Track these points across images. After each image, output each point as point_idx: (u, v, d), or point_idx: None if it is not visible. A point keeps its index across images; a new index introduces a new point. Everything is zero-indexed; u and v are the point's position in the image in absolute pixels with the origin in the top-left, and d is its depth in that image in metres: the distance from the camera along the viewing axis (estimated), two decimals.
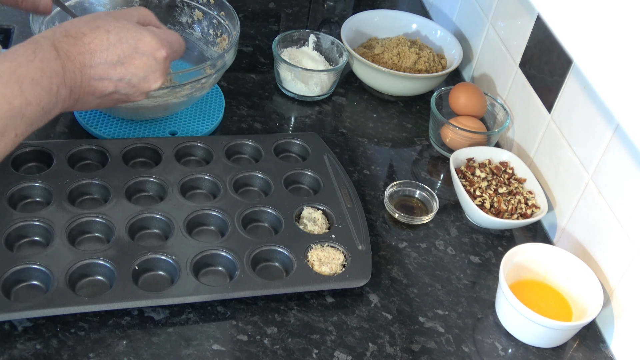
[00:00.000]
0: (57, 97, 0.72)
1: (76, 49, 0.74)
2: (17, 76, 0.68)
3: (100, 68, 0.75)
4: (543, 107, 1.12)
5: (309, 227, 1.00)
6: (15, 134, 0.68)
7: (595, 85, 0.48)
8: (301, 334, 0.89)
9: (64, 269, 0.86)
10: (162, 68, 0.80)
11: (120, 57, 0.76)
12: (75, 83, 0.74)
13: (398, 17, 1.42)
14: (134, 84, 0.78)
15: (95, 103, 0.79)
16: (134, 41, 0.77)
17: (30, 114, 0.69)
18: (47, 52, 0.71)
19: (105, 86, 0.77)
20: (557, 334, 0.91)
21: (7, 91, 0.67)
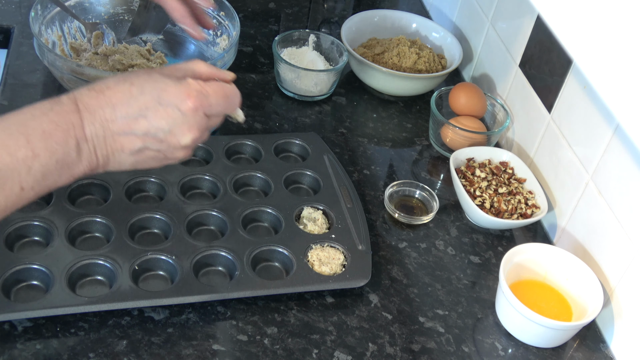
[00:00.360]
0: (77, 152, 0.69)
1: (97, 102, 0.70)
2: (26, 128, 0.66)
3: (122, 122, 0.71)
4: (543, 107, 1.12)
5: (309, 227, 1.00)
6: (21, 188, 0.65)
7: (595, 85, 0.48)
8: (301, 334, 0.89)
9: (64, 269, 0.86)
10: (191, 121, 0.73)
11: (142, 109, 0.71)
12: (98, 138, 0.70)
13: (398, 17, 1.42)
14: (161, 138, 0.72)
15: (130, 161, 0.74)
16: (157, 92, 0.72)
17: (40, 167, 0.66)
18: (65, 105, 0.69)
19: (132, 142, 0.72)
20: (557, 334, 0.91)
21: (10, 142, 0.65)
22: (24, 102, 1.13)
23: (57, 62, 1.03)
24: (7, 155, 0.64)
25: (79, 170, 0.70)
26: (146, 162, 0.75)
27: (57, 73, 1.05)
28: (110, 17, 1.21)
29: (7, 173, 0.64)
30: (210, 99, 0.75)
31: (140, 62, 1.15)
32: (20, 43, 1.27)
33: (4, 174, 0.64)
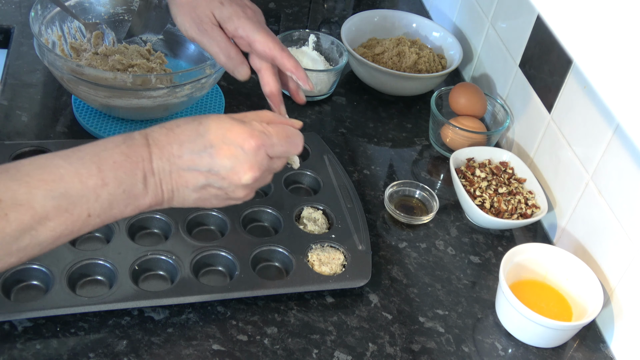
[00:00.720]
0: (144, 185, 0.72)
1: (167, 138, 0.74)
2: (99, 158, 0.69)
3: (187, 158, 0.73)
4: (543, 107, 1.12)
5: (309, 227, 1.00)
6: (88, 214, 0.69)
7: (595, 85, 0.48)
8: (301, 334, 0.89)
9: (64, 269, 0.86)
10: (252, 159, 0.75)
11: (207, 147, 0.74)
12: (165, 172, 0.73)
13: (398, 17, 1.42)
14: (223, 175, 0.75)
15: (193, 197, 0.76)
16: (222, 131, 0.75)
17: (108, 196, 0.69)
18: (136, 140, 0.73)
19: (196, 177, 0.74)
20: (557, 334, 0.91)
21: (83, 170, 0.68)
22: (24, 102, 1.13)
23: (57, 62, 1.03)
24: (78, 182, 0.67)
25: (145, 202, 0.73)
26: (208, 200, 0.77)
27: (57, 73, 1.05)
28: (110, 17, 1.21)
29: (76, 199, 0.67)
30: (272, 139, 0.77)
31: (140, 62, 1.15)
32: (20, 43, 1.27)
33: (74, 200, 0.67)
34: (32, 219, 0.65)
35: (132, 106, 1.06)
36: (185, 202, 0.77)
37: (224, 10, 0.89)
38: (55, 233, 0.67)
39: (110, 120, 1.12)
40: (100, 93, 1.03)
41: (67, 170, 0.68)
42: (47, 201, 0.66)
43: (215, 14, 0.90)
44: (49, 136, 1.10)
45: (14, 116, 1.11)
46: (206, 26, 0.90)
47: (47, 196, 0.66)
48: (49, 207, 0.66)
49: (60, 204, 0.66)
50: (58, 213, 0.66)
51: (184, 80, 1.05)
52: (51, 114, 1.14)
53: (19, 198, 0.64)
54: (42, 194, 0.65)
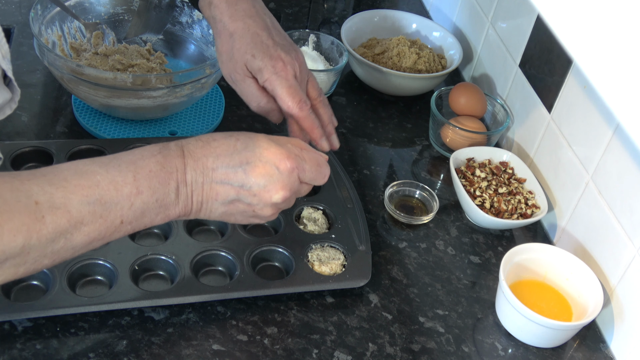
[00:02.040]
0: (176, 195, 0.74)
1: (202, 151, 0.76)
2: (135, 166, 0.71)
3: (222, 171, 0.75)
4: (543, 107, 1.12)
5: (309, 227, 1.00)
6: (121, 221, 0.70)
7: (595, 85, 0.48)
8: (301, 334, 0.89)
9: (64, 269, 0.86)
10: (286, 180, 0.77)
11: (243, 163, 0.76)
12: (197, 184, 0.75)
13: (398, 17, 1.42)
14: (254, 192, 0.77)
15: (220, 211, 0.78)
16: (260, 150, 0.77)
17: (141, 204, 0.71)
18: (172, 150, 0.75)
19: (227, 191, 0.76)
20: (557, 334, 0.91)
21: (119, 178, 0.70)
22: (24, 102, 1.13)
23: (57, 62, 1.03)
24: (114, 189, 0.69)
25: (174, 212, 0.75)
26: (234, 215, 0.79)
27: (57, 73, 1.05)
28: (110, 17, 1.21)
29: (111, 206, 0.69)
30: (305, 165, 0.80)
31: (140, 62, 1.15)
32: (20, 43, 1.27)
33: (109, 206, 0.69)
34: (68, 223, 0.66)
35: (132, 106, 1.06)
36: (212, 215, 0.78)
37: (255, 63, 0.92)
38: (89, 238, 0.69)
39: (110, 120, 1.12)
40: (100, 93, 1.03)
41: (103, 177, 0.69)
42: (83, 206, 0.67)
43: (247, 65, 0.93)
44: (49, 136, 1.10)
45: (14, 116, 1.11)
46: (239, 76, 0.94)
47: (83, 201, 0.67)
48: (84, 212, 0.67)
49: (96, 210, 0.68)
50: (93, 218, 0.68)
51: (184, 80, 1.05)
52: (51, 114, 1.14)
53: (56, 202, 0.66)
54: (78, 199, 0.67)
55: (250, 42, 0.92)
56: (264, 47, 0.92)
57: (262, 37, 0.93)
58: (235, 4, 0.94)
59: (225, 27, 0.94)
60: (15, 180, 0.65)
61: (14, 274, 0.65)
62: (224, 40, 0.94)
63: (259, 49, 0.92)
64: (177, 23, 1.23)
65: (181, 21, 1.23)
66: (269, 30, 0.94)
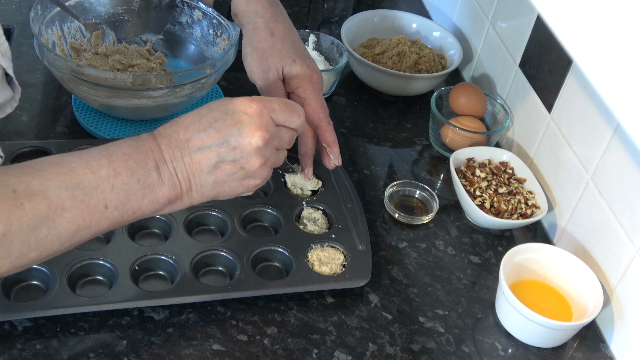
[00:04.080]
0: (158, 174, 0.73)
1: (171, 129, 0.76)
2: (107, 151, 0.72)
3: (196, 139, 0.75)
4: (543, 107, 1.12)
5: (309, 227, 1.00)
6: (105, 206, 0.70)
7: (596, 85, 0.48)
8: (301, 334, 0.89)
9: (64, 269, 0.86)
10: (257, 121, 0.76)
11: (212, 122, 0.76)
12: (176, 159, 0.74)
13: (398, 17, 1.42)
14: (233, 145, 0.75)
15: (210, 181, 0.76)
16: (223, 106, 0.77)
17: (122, 185, 0.70)
18: (143, 136, 0.75)
19: (208, 156, 0.75)
20: (557, 334, 0.91)
21: (93, 162, 0.70)
22: (24, 102, 1.13)
23: (57, 62, 1.03)
24: (90, 173, 0.69)
25: (163, 193, 0.74)
26: (227, 182, 0.77)
27: (57, 73, 1.05)
28: (110, 17, 1.21)
29: (91, 190, 0.69)
30: (273, 104, 0.78)
31: (140, 62, 1.15)
32: (20, 43, 1.27)
33: (88, 190, 0.68)
34: (48, 209, 0.66)
35: (132, 106, 1.06)
36: (204, 191, 0.77)
37: (294, 68, 0.92)
38: (74, 225, 0.68)
39: (110, 120, 1.12)
40: (100, 93, 1.03)
41: (77, 164, 0.69)
42: (61, 191, 0.67)
43: (284, 69, 0.93)
44: (49, 136, 1.10)
45: (14, 116, 1.11)
46: (271, 77, 0.93)
47: (60, 187, 0.67)
48: (63, 197, 0.67)
49: (75, 194, 0.68)
50: (74, 203, 0.67)
51: (184, 80, 1.05)
52: (51, 114, 1.14)
53: (34, 189, 0.66)
54: (55, 185, 0.67)
55: (292, 47, 0.93)
56: (303, 56, 0.93)
57: (300, 46, 0.95)
58: (276, 5, 0.95)
59: (267, 24, 0.94)
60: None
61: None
62: (264, 37, 0.94)
63: (299, 56, 0.93)
64: (177, 23, 1.23)
65: (181, 21, 1.23)
66: (301, 41, 0.97)
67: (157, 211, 0.75)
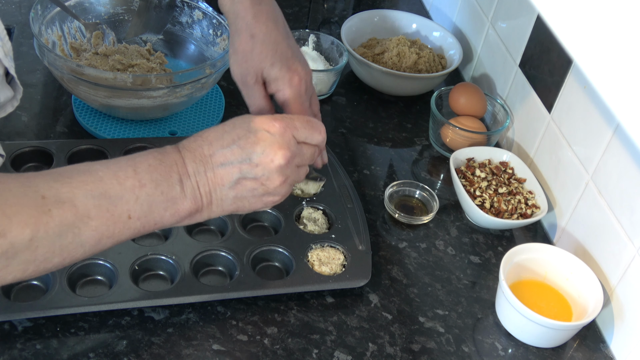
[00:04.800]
0: (181, 187, 0.74)
1: (195, 143, 0.77)
2: (134, 162, 0.73)
3: (219, 154, 0.76)
4: (543, 107, 1.12)
5: (309, 227, 1.00)
6: (129, 216, 0.71)
7: (596, 85, 0.48)
8: (301, 334, 0.89)
9: (64, 269, 0.86)
10: (280, 140, 0.77)
11: (235, 140, 0.77)
12: (200, 174, 0.75)
13: (398, 17, 1.42)
14: (255, 162, 0.77)
15: (231, 196, 0.78)
16: (247, 124, 0.78)
17: (146, 197, 0.71)
18: (168, 149, 0.76)
19: (230, 172, 0.76)
20: (557, 334, 0.91)
21: (120, 173, 0.71)
22: (24, 102, 1.13)
23: (57, 62, 1.03)
24: (117, 183, 0.70)
25: (184, 207, 0.75)
26: (247, 198, 0.79)
27: (57, 73, 1.05)
28: (110, 17, 1.21)
29: (116, 200, 0.70)
30: (295, 122, 0.80)
31: (140, 62, 1.15)
32: (20, 43, 1.27)
33: (114, 200, 0.70)
34: (74, 217, 0.67)
35: (132, 106, 1.06)
36: (224, 205, 0.78)
37: (273, 72, 0.92)
38: (97, 233, 0.69)
39: (110, 120, 1.12)
40: (100, 93, 1.03)
41: (105, 173, 0.70)
42: (88, 200, 0.68)
43: (263, 72, 0.93)
44: (49, 136, 1.10)
45: (14, 116, 1.11)
46: (249, 80, 0.93)
47: (87, 195, 0.68)
48: (90, 206, 0.68)
49: (101, 204, 0.69)
50: (99, 212, 0.68)
51: (184, 80, 1.05)
52: (51, 114, 1.14)
53: (62, 196, 0.66)
54: (83, 193, 0.68)
55: (271, 49, 0.92)
56: (283, 58, 0.92)
57: (283, 46, 0.93)
58: (259, 4, 0.94)
59: (247, 27, 0.93)
60: (22, 177, 0.67)
61: (23, 271, 0.65)
62: (244, 40, 0.93)
63: (279, 58, 0.92)
64: (177, 23, 1.23)
65: (181, 21, 1.23)
66: (288, 39, 0.95)
67: (177, 223, 0.76)
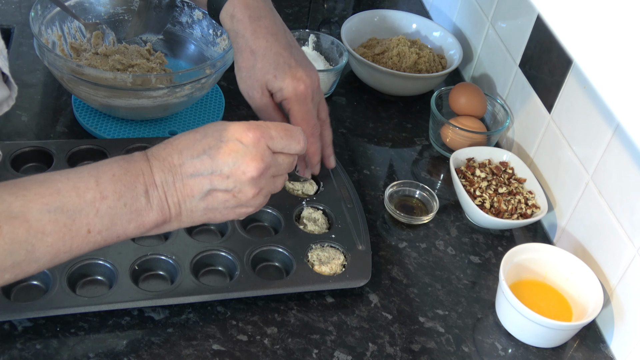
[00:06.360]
0: (147, 199, 0.71)
1: (165, 151, 0.74)
2: (97, 171, 0.69)
3: (188, 164, 0.73)
4: (543, 107, 1.12)
5: (309, 227, 1.00)
6: (88, 230, 0.68)
7: (596, 85, 0.48)
8: (301, 334, 0.89)
9: (65, 268, 0.86)
10: (253, 151, 0.74)
11: (206, 149, 0.73)
12: (168, 184, 0.72)
13: (398, 17, 1.42)
14: (226, 173, 0.73)
15: (201, 208, 0.75)
16: (218, 133, 0.75)
17: (107, 209, 0.68)
18: (136, 156, 0.73)
19: (200, 183, 0.73)
20: (557, 334, 0.91)
21: (81, 184, 0.68)
22: (24, 102, 1.13)
23: (57, 62, 1.03)
24: (76, 196, 0.67)
25: (150, 219, 0.72)
26: (218, 209, 0.76)
27: (57, 73, 1.05)
28: (110, 17, 1.21)
29: (74, 214, 0.66)
30: (270, 131, 0.76)
31: (140, 62, 1.15)
32: (20, 43, 1.27)
33: (71, 214, 0.66)
34: (26, 233, 0.64)
35: (132, 106, 1.06)
36: (194, 216, 0.75)
37: (276, 83, 0.93)
38: (53, 249, 0.66)
39: (110, 120, 1.12)
40: (100, 93, 1.03)
41: (64, 185, 0.67)
42: (43, 215, 0.65)
43: (267, 85, 0.93)
44: (49, 136, 1.10)
45: (14, 116, 1.11)
46: (257, 93, 0.94)
47: (42, 210, 0.65)
48: (44, 221, 0.65)
49: (58, 218, 0.66)
50: (55, 228, 0.66)
51: (184, 80, 1.05)
52: (51, 114, 1.14)
53: (14, 211, 0.64)
54: (37, 208, 0.65)
55: (273, 62, 0.92)
56: (285, 68, 0.93)
57: (284, 57, 0.93)
58: (257, 20, 0.94)
59: (247, 44, 0.94)
60: None
61: None
62: (246, 57, 0.94)
63: (281, 69, 0.93)
64: (177, 23, 1.23)
65: (181, 21, 1.23)
66: (290, 48, 0.95)
67: (143, 234, 0.73)
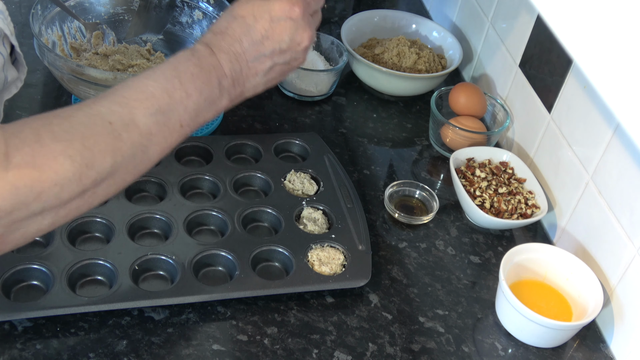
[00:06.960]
0: (219, 89, 0.78)
1: (225, 42, 0.80)
2: (177, 72, 0.75)
3: (252, 50, 0.80)
4: (543, 107, 1.12)
5: (309, 227, 1.00)
6: (180, 125, 0.74)
7: (596, 85, 0.48)
8: (301, 334, 0.89)
9: (64, 269, 0.86)
10: (303, 24, 0.82)
11: (263, 33, 0.80)
12: (236, 71, 0.80)
13: (398, 17, 1.42)
14: (285, 49, 0.82)
15: (263, 81, 0.83)
16: (267, 14, 0.81)
17: (193, 105, 0.75)
18: (202, 51, 0.79)
19: (263, 62, 0.81)
20: (557, 334, 0.91)
21: (168, 85, 0.74)
22: (24, 102, 1.13)
23: (57, 62, 1.03)
24: (167, 97, 0.73)
25: (222, 105, 0.80)
26: (275, 78, 0.85)
27: (57, 73, 1.05)
28: (110, 17, 1.21)
29: (169, 113, 0.73)
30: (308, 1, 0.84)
31: (140, 62, 1.15)
32: (21, 43, 1.26)
33: (168, 114, 0.73)
34: (140, 136, 0.70)
35: None
36: (256, 89, 0.83)
37: None
38: (160, 147, 0.72)
39: None
40: (100, 93, 1.03)
41: (155, 89, 0.73)
42: (148, 118, 0.71)
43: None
44: None
45: (14, 116, 1.11)
46: None
47: (146, 114, 0.71)
48: (150, 124, 0.71)
49: (158, 120, 0.72)
50: (158, 128, 0.72)
51: None
52: None
53: (125, 119, 0.69)
54: (142, 113, 0.70)
55: None
56: None
57: None
58: None
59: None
60: (83, 106, 0.69)
61: (106, 196, 0.68)
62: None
63: None
64: (177, 23, 1.23)
65: (181, 21, 1.23)
66: None
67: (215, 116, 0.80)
